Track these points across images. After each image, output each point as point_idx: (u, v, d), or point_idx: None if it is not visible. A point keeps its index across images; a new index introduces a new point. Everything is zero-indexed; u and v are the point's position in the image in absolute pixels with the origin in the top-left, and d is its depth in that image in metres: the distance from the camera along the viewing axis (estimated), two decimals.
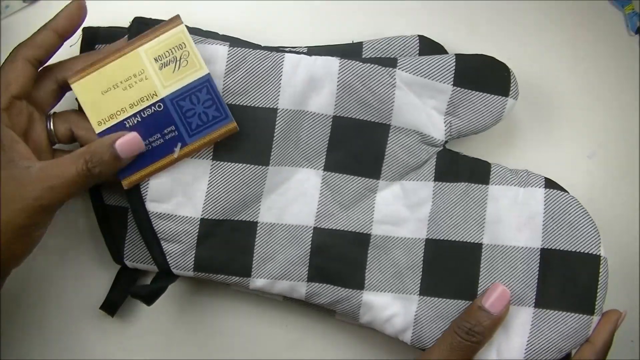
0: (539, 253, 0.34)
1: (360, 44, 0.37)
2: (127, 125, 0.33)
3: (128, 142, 0.32)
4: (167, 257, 0.34)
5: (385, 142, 0.35)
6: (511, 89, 0.35)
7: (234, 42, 0.35)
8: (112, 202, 0.36)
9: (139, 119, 0.33)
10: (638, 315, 0.39)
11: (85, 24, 0.36)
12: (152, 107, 0.33)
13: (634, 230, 0.40)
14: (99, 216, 0.36)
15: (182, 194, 0.34)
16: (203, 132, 0.33)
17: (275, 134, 0.34)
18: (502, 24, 0.41)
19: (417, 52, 0.36)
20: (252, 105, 0.34)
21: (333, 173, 0.35)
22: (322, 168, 0.35)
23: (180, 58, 0.33)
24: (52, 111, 0.34)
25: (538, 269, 0.34)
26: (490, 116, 0.35)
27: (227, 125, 0.33)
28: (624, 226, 0.40)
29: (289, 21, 0.40)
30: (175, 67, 0.33)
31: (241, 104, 0.34)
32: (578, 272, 0.34)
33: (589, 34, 0.41)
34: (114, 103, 0.33)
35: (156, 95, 0.33)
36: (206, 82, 0.33)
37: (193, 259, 0.34)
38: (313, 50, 0.36)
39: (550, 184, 0.35)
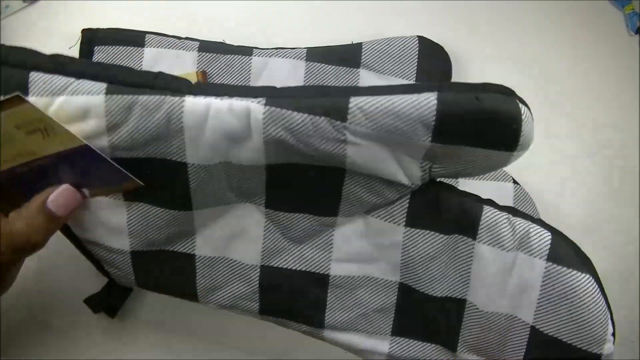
0: (529, 329, 0.27)
1: (359, 45, 0.36)
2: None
3: (60, 196, 0.27)
4: (111, 275, 0.32)
5: (342, 184, 0.27)
6: (520, 142, 0.25)
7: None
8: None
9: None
10: (638, 315, 0.39)
11: (84, 25, 0.36)
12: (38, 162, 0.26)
13: (634, 230, 0.40)
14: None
15: (103, 228, 0.29)
16: (106, 186, 0.28)
17: (191, 186, 0.27)
18: (502, 24, 0.41)
19: (417, 52, 0.36)
20: (153, 157, 0.26)
21: (276, 211, 0.28)
22: (264, 205, 0.28)
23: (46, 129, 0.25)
24: None
25: (526, 344, 0.27)
26: (488, 168, 0.26)
27: (133, 181, 0.27)
28: (624, 226, 0.40)
29: (289, 21, 0.40)
30: (43, 135, 0.25)
31: (138, 156, 0.26)
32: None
33: (589, 34, 0.41)
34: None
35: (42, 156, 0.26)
36: (89, 152, 0.26)
37: (134, 282, 0.31)
38: (312, 52, 0.36)
39: (555, 248, 0.26)
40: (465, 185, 0.32)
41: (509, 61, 0.40)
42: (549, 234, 0.26)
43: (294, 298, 0.30)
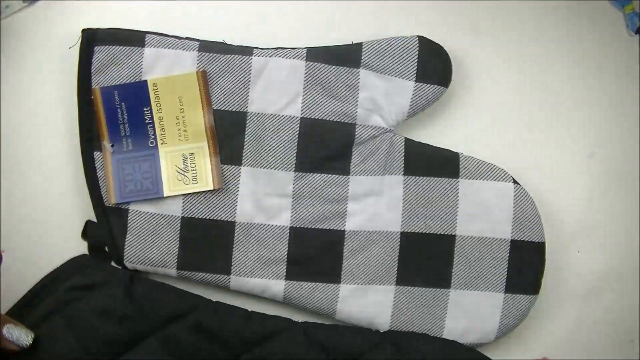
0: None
1: (359, 45, 0.37)
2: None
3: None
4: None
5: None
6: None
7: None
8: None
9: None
10: (638, 315, 0.39)
11: (84, 25, 0.35)
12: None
13: (634, 230, 0.40)
14: (98, 217, 0.36)
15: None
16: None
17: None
18: (502, 24, 0.41)
19: (417, 52, 0.36)
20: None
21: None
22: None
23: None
24: None
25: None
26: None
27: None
28: (623, 226, 0.40)
29: (290, 21, 0.40)
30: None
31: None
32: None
33: (589, 34, 0.41)
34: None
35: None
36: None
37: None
38: (312, 52, 0.36)
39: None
40: (465, 184, 0.36)
41: (508, 61, 0.40)
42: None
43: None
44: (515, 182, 0.36)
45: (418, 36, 0.37)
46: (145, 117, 0.36)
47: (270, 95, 0.36)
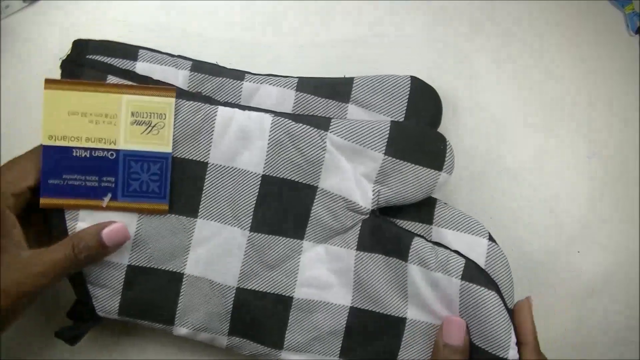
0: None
1: (351, 79, 0.36)
2: (74, 154, 0.33)
3: (114, 231, 0.32)
4: (93, 300, 0.34)
5: (312, 204, 0.35)
6: (446, 162, 0.34)
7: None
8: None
9: (87, 155, 0.33)
10: (638, 315, 0.39)
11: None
12: (105, 152, 0.33)
13: (634, 230, 0.40)
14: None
15: None
16: (136, 198, 0.33)
17: (204, 188, 0.34)
18: (502, 24, 0.41)
19: (408, 92, 0.36)
20: (183, 157, 0.34)
21: (258, 234, 0.35)
22: (249, 228, 0.35)
23: (155, 125, 0.33)
24: None
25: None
26: (421, 189, 0.34)
27: (160, 204, 0.34)
28: (623, 226, 0.40)
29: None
30: (146, 130, 0.33)
31: (175, 156, 0.34)
32: None
33: (589, 34, 0.41)
34: (74, 128, 0.33)
35: (114, 144, 0.33)
36: (164, 160, 0.33)
37: (118, 304, 0.34)
38: (303, 81, 0.36)
39: (469, 272, 0.33)
40: (440, 234, 0.35)
41: (508, 61, 0.40)
42: (463, 259, 0.33)
43: (261, 319, 0.35)
44: (491, 238, 0.35)
45: (411, 76, 0.36)
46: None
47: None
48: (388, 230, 0.35)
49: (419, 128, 0.35)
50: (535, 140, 0.40)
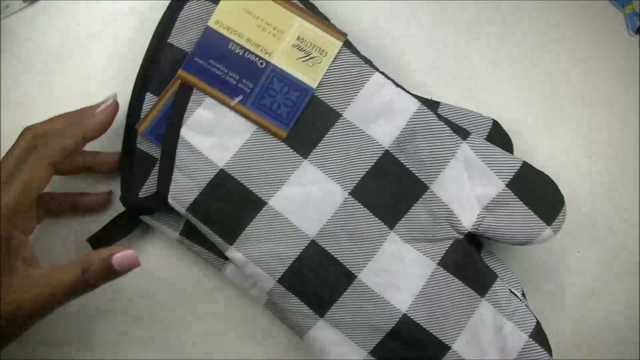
0: None
1: (437, 103, 0.36)
2: (229, 47, 0.34)
3: (126, 257, 0.31)
4: (172, 184, 0.34)
5: (416, 201, 0.34)
6: (557, 220, 0.34)
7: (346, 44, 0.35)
8: (143, 147, 0.36)
9: (240, 53, 0.34)
10: (638, 315, 0.39)
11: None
12: (257, 59, 0.34)
13: (634, 230, 0.40)
14: (124, 155, 0.36)
15: (217, 138, 0.34)
16: (263, 112, 0.34)
17: (326, 136, 0.34)
18: (502, 24, 0.41)
19: (487, 133, 0.36)
20: (322, 98, 0.34)
21: (355, 201, 0.34)
22: (349, 191, 0.34)
23: (313, 58, 0.34)
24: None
25: None
26: (522, 233, 0.34)
27: (281, 129, 0.34)
28: (623, 226, 0.40)
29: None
30: (302, 57, 0.34)
31: (314, 94, 0.34)
32: None
33: (589, 34, 0.41)
34: (242, 25, 0.34)
35: (269, 56, 0.34)
36: (305, 92, 0.34)
37: (193, 198, 0.34)
38: (429, 104, 0.35)
39: (537, 333, 0.34)
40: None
41: (508, 61, 0.40)
42: (535, 319, 0.34)
43: (318, 282, 0.34)
44: (533, 336, 0.34)
45: (493, 120, 0.36)
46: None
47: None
48: (476, 260, 0.34)
49: (547, 178, 0.35)
50: (535, 140, 0.40)
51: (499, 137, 0.36)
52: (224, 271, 0.36)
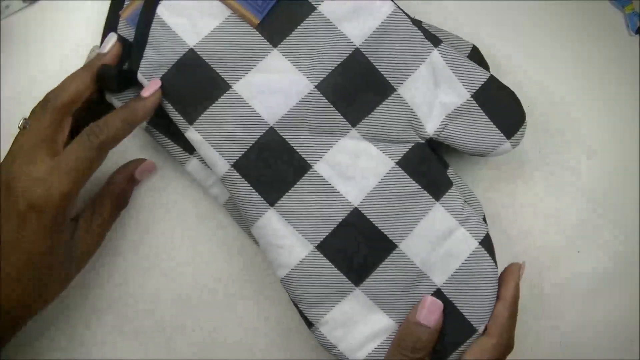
0: (434, 289, 0.34)
1: (419, 22, 0.36)
2: None
3: (145, 167, 0.37)
4: (142, 60, 0.34)
5: (381, 102, 0.34)
6: (515, 135, 0.34)
7: None
8: (124, 33, 0.36)
9: None
10: (638, 315, 0.39)
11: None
12: None
13: (634, 230, 0.40)
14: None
15: (191, 19, 0.34)
16: None
17: (298, 28, 0.34)
18: (502, 23, 0.41)
19: (467, 55, 0.36)
20: None
21: (320, 94, 0.34)
22: (316, 84, 0.34)
23: None
24: None
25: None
26: (482, 144, 0.35)
27: (254, 16, 0.34)
28: (623, 226, 0.40)
29: None
30: None
31: None
32: (458, 334, 0.33)
33: (589, 34, 0.41)
34: None
35: None
36: None
37: (160, 74, 0.34)
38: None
39: (487, 242, 0.34)
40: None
41: (508, 61, 0.40)
42: (487, 229, 0.34)
43: (272, 169, 0.34)
44: (482, 243, 0.34)
45: (473, 45, 0.37)
46: None
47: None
48: (435, 165, 0.35)
49: (512, 93, 0.35)
50: (535, 140, 0.40)
51: (476, 61, 0.36)
52: (187, 166, 0.37)
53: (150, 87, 0.34)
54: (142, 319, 0.38)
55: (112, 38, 0.34)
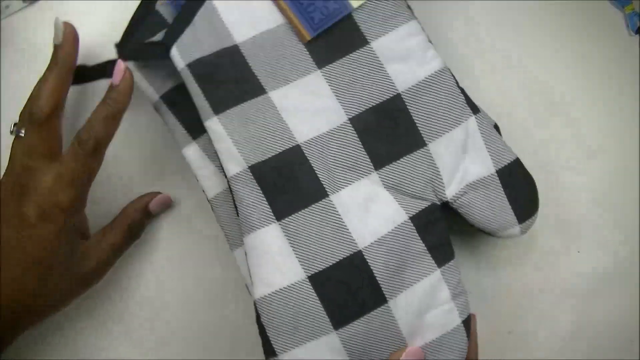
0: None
1: (463, 90, 0.36)
2: None
3: (158, 202, 0.38)
4: (181, 37, 0.34)
5: (409, 152, 0.34)
6: (527, 222, 0.34)
7: None
8: (162, 11, 0.35)
9: None
10: (638, 315, 0.39)
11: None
12: None
13: (634, 230, 0.40)
14: (142, 8, 0.36)
15: (244, 16, 0.34)
16: (296, 10, 0.34)
17: (347, 56, 0.34)
18: (500, 24, 0.41)
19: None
20: (357, 22, 0.34)
21: (352, 129, 0.34)
22: (350, 117, 0.34)
23: None
24: None
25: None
26: (495, 221, 0.34)
27: (307, 32, 0.34)
28: (624, 226, 0.40)
29: None
30: None
31: (351, 14, 0.34)
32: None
33: (589, 34, 0.41)
34: None
35: None
36: (344, 8, 0.34)
37: (197, 57, 0.33)
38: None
39: (467, 323, 0.33)
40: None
41: (507, 61, 0.40)
42: (469, 311, 0.34)
43: (288, 184, 0.33)
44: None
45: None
46: None
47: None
48: (444, 231, 0.34)
49: (533, 183, 0.35)
50: (535, 140, 0.40)
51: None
52: (186, 150, 0.36)
53: (117, 73, 0.34)
54: (147, 329, 0.38)
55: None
